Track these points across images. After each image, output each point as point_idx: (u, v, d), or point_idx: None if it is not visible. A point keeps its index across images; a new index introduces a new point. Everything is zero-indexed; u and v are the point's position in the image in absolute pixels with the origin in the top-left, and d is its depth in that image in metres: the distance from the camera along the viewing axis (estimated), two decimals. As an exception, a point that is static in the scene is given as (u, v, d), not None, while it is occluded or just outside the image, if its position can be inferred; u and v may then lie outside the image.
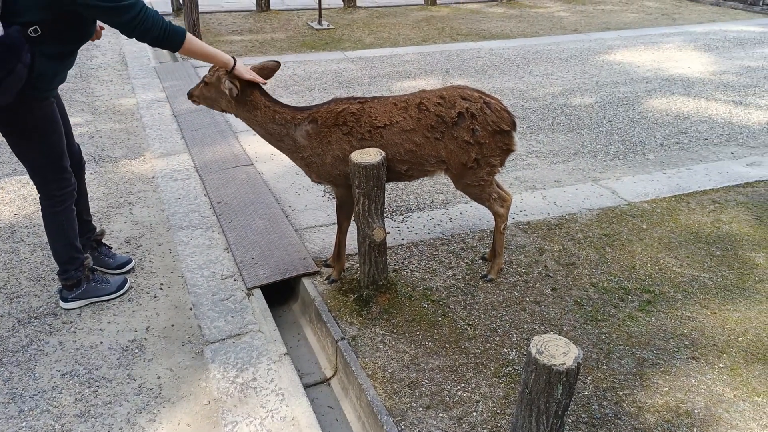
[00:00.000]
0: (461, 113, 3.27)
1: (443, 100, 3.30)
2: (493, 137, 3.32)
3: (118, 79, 7.71)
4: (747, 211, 4.58)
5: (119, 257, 3.81)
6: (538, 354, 2.01)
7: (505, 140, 3.37)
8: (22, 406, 2.78)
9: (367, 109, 3.30)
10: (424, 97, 3.33)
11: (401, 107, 3.31)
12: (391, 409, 2.77)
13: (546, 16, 12.18)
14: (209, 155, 5.43)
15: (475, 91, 3.39)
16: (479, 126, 3.28)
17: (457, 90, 3.35)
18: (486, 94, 3.40)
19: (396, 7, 12.70)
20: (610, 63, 8.77)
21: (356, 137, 3.28)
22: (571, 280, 3.72)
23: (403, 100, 3.35)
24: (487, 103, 3.32)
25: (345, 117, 3.28)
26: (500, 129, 3.32)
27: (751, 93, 7.47)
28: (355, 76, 7.89)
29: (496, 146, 3.35)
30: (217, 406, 2.81)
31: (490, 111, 3.30)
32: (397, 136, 3.28)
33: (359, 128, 3.27)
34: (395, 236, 4.17)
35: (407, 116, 3.29)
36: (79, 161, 3.53)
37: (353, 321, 3.35)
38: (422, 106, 3.29)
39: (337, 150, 3.29)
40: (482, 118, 3.28)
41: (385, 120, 3.27)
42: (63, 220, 3.27)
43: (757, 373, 3.01)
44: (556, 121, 6.43)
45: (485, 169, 3.40)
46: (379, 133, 3.28)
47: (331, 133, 3.29)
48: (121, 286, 3.58)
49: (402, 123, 3.28)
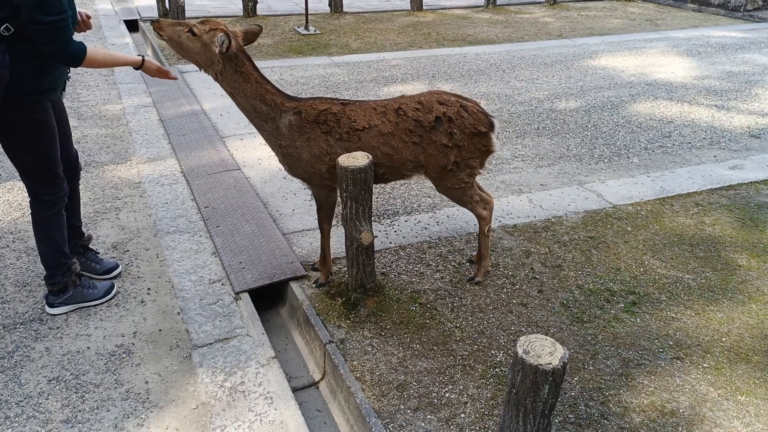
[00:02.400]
0: (438, 117, 3.32)
1: (421, 105, 3.36)
2: (471, 139, 3.38)
3: (105, 84, 7.67)
4: (729, 214, 4.64)
5: (106, 262, 3.79)
6: (524, 354, 2.04)
7: (484, 142, 3.42)
8: (8, 413, 2.76)
9: (348, 111, 3.34)
10: (403, 103, 3.39)
11: (380, 111, 3.36)
12: (379, 412, 2.78)
13: (531, 21, 12.28)
14: (196, 160, 5.42)
15: (452, 95, 3.44)
16: (457, 129, 3.33)
17: (435, 95, 3.41)
18: (463, 97, 3.46)
19: (382, 13, 12.75)
20: (594, 68, 8.86)
21: (334, 137, 3.31)
22: (557, 282, 3.75)
23: (383, 104, 3.40)
24: (463, 106, 3.38)
25: (326, 116, 3.31)
26: (478, 131, 3.38)
27: (733, 97, 7.57)
28: (342, 81, 7.92)
29: (474, 148, 3.41)
30: (205, 410, 2.81)
31: (467, 114, 3.36)
32: (375, 139, 3.33)
33: (338, 128, 3.31)
34: (383, 240, 4.19)
35: (385, 120, 3.34)
36: (75, 167, 3.53)
37: (341, 324, 3.36)
38: (401, 111, 3.35)
39: (314, 147, 3.32)
40: (459, 122, 3.34)
41: (364, 123, 3.32)
42: (52, 225, 3.25)
43: (741, 372, 3.05)
44: (541, 126, 6.49)
45: (465, 171, 3.46)
46: (357, 135, 3.32)
47: (311, 129, 3.31)
48: (108, 292, 3.56)
49: (380, 127, 3.33)
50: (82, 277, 3.53)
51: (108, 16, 11.67)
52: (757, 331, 3.35)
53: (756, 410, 2.81)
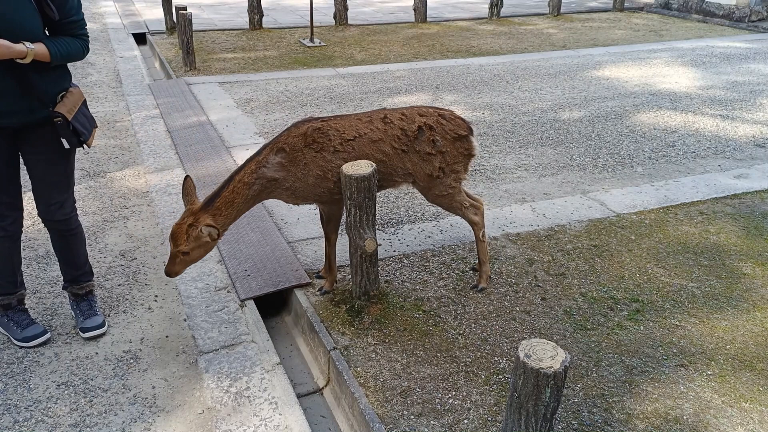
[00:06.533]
0: (420, 127, 3.46)
1: (404, 116, 3.51)
2: (453, 144, 3.51)
3: (113, 96, 7.77)
4: (734, 222, 4.65)
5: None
6: (526, 358, 2.06)
7: (465, 145, 3.56)
8: (17, 417, 2.79)
9: (333, 125, 3.41)
10: (388, 113, 3.52)
11: (366, 121, 3.47)
12: (383, 417, 2.80)
13: (535, 32, 12.35)
14: (203, 170, 5.47)
15: (431, 108, 3.60)
16: (438, 136, 3.48)
17: (415, 108, 3.59)
18: (440, 108, 3.63)
19: (387, 25, 12.85)
20: (598, 78, 8.90)
21: (329, 151, 3.35)
22: (560, 290, 3.77)
23: (367, 115, 3.52)
24: (441, 114, 3.55)
25: (313, 136, 3.34)
26: (458, 135, 3.51)
27: (737, 107, 7.59)
28: (347, 92, 7.98)
29: (457, 152, 3.54)
30: (211, 414, 2.84)
31: (445, 121, 3.52)
32: (368, 146, 3.41)
33: (329, 142, 3.35)
34: (387, 248, 4.22)
35: (374, 128, 3.44)
36: (54, 225, 3.25)
37: (345, 331, 3.38)
38: (387, 120, 3.48)
39: (315, 169, 3.34)
40: (440, 128, 3.49)
41: (354, 132, 3.41)
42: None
43: (745, 379, 3.06)
44: (545, 135, 6.52)
45: (451, 176, 3.56)
46: (350, 145, 3.38)
47: (304, 155, 3.33)
48: (32, 339, 3.25)
49: (370, 134, 3.43)
50: (17, 311, 3.32)
51: (117, 30, 11.81)
52: (761, 339, 3.35)
53: (760, 417, 2.82)
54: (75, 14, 2.92)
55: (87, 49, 3.02)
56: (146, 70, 9.16)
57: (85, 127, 3.04)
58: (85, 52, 3.02)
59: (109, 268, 3.99)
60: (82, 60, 3.08)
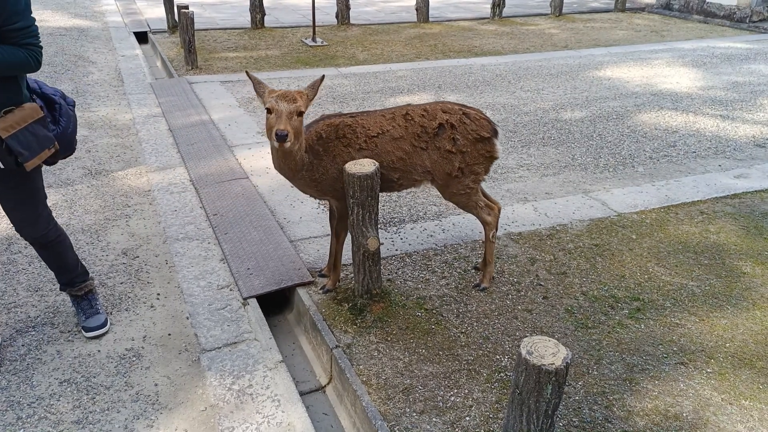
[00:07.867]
0: (441, 124, 3.43)
1: (426, 112, 3.47)
2: (474, 145, 3.47)
3: (115, 94, 7.78)
4: (734, 222, 4.66)
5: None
6: (528, 354, 2.07)
7: (487, 148, 3.51)
8: (20, 414, 2.81)
9: (360, 121, 3.44)
10: (410, 109, 3.50)
11: (389, 118, 3.46)
12: (385, 415, 2.81)
13: (537, 33, 12.36)
14: (205, 169, 5.49)
15: (456, 104, 3.54)
16: (459, 135, 3.43)
17: (439, 104, 3.52)
18: (466, 106, 3.55)
19: (389, 25, 12.86)
20: (600, 78, 8.91)
21: (355, 148, 3.39)
22: (562, 289, 3.78)
23: (391, 112, 3.51)
24: (466, 113, 3.48)
25: (344, 130, 3.40)
26: (481, 137, 3.46)
27: (738, 107, 7.60)
28: (349, 91, 7.99)
29: (478, 154, 3.49)
30: (213, 412, 2.85)
31: (469, 120, 3.46)
32: (389, 144, 3.42)
33: (356, 139, 3.39)
34: (389, 247, 4.23)
35: (396, 125, 3.44)
36: (34, 243, 3.16)
37: (348, 329, 3.39)
38: (408, 117, 3.46)
39: (340, 162, 3.38)
40: (462, 128, 3.44)
41: (377, 129, 3.41)
42: None
43: (744, 377, 3.07)
44: (547, 135, 6.53)
45: (470, 177, 3.53)
46: (374, 142, 3.40)
47: (334, 146, 3.39)
48: None
49: (392, 131, 3.43)
50: None
51: (118, 29, 11.82)
52: (761, 337, 3.36)
53: (760, 414, 2.83)
54: (19, 21, 2.60)
55: (37, 61, 2.72)
56: (148, 68, 9.16)
57: (27, 147, 2.73)
58: (35, 65, 2.72)
59: (112, 266, 4.01)
60: (37, 71, 2.77)
